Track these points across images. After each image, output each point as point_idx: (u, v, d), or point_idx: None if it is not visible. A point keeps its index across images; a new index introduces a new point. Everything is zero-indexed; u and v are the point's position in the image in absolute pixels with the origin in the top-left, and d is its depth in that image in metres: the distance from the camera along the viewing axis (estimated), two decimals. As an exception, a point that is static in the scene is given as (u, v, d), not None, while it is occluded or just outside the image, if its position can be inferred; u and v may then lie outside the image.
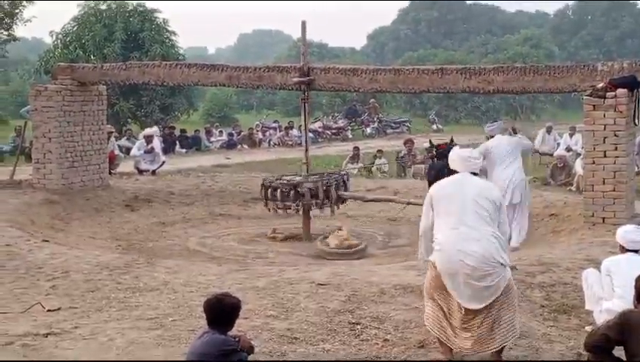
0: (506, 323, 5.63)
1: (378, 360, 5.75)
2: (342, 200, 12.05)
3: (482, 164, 10.67)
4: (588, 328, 6.21)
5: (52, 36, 30.29)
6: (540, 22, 70.59)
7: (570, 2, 66.90)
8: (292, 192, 11.55)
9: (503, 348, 5.69)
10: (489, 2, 71.44)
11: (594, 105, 9.95)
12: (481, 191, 5.74)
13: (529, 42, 53.69)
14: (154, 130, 18.76)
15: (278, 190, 11.66)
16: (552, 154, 18.40)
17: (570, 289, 7.34)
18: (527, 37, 55.42)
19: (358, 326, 6.34)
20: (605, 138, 9.91)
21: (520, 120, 41.98)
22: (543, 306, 7.01)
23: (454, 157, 5.99)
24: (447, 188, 5.83)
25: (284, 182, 11.78)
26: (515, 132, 14.15)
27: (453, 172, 6.02)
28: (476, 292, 5.56)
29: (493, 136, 11.11)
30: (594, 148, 10.02)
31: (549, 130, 20.79)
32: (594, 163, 10.03)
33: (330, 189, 11.69)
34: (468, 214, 5.63)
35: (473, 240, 5.55)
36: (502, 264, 5.59)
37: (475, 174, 5.95)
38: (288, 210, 11.86)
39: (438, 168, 10.43)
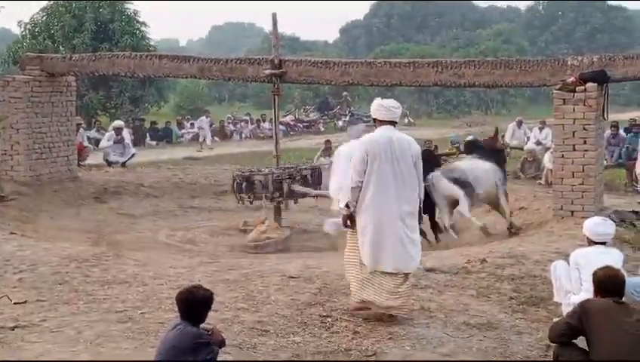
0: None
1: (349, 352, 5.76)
2: (297, 194, 11.95)
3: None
4: (556, 319, 6.25)
5: (20, 26, 29.84)
6: (511, 17, 71.05)
7: (541, -2, 67.44)
8: (246, 184, 11.52)
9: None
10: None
11: (564, 100, 10.03)
12: (404, 149, 6.33)
13: (500, 37, 54.01)
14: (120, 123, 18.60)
15: (244, 182, 11.62)
16: (522, 148, 18.52)
17: (539, 282, 7.40)
18: (499, 32, 55.77)
19: (329, 319, 6.34)
20: (574, 132, 10.00)
21: (491, 114, 42.28)
22: (512, 298, 7.06)
23: (379, 108, 6.49)
24: (380, 146, 6.29)
25: (246, 174, 11.76)
26: None
27: None
28: (404, 254, 6.27)
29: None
30: (563, 142, 10.10)
31: (519, 124, 20.89)
32: (563, 157, 10.11)
33: (283, 183, 11.62)
34: (397, 173, 6.26)
35: (402, 201, 6.26)
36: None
37: (392, 123, 6.48)
38: (253, 202, 11.85)
39: None
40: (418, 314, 6.52)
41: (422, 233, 9.00)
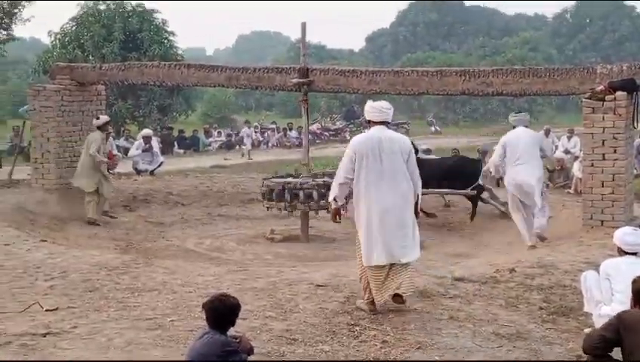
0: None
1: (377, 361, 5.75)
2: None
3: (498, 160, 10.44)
4: (587, 330, 6.20)
5: (50, 36, 30.27)
6: (538, 25, 70.63)
7: (569, 5, 66.99)
8: (301, 193, 11.46)
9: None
10: (488, 5, 71.44)
11: (593, 108, 9.95)
12: (392, 147, 6.71)
13: (527, 45, 53.72)
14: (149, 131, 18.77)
15: (286, 191, 11.54)
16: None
17: (569, 292, 7.34)
18: (526, 40, 55.47)
19: (357, 328, 6.34)
20: (604, 141, 9.91)
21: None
22: (542, 308, 7.01)
23: (371, 110, 6.87)
24: (368, 145, 6.71)
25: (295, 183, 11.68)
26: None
27: None
28: (395, 246, 6.60)
29: (515, 128, 10.75)
30: (593, 151, 10.02)
31: (547, 133, 20.78)
32: (593, 165, 10.03)
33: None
34: (385, 171, 6.64)
35: (392, 197, 6.61)
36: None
37: (386, 124, 6.88)
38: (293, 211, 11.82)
39: None
40: (447, 324, 6.50)
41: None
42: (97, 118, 13.09)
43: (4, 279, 7.72)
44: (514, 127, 10.74)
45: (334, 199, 6.88)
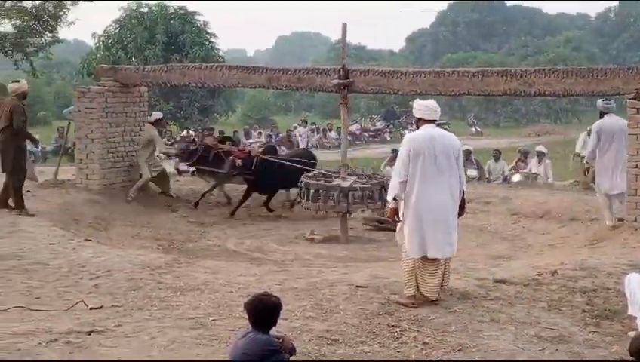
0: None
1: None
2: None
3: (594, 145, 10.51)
4: (631, 334, 6.11)
5: (94, 38, 30.79)
6: (581, 24, 69.73)
7: (613, 4, 65.99)
8: (340, 194, 11.51)
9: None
10: (530, 4, 70.68)
11: (638, 109, 9.82)
12: (445, 145, 6.89)
13: (570, 44, 53.08)
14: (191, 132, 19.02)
15: (322, 191, 11.60)
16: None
17: (613, 295, 7.24)
18: (569, 39, 54.80)
19: (397, 329, 6.33)
20: (649, 142, 9.77)
21: (561, 123, 41.51)
22: (585, 311, 6.92)
23: (422, 108, 7.02)
24: (422, 143, 6.84)
25: (328, 183, 11.75)
26: None
27: None
28: (442, 241, 6.84)
29: (605, 114, 10.66)
30: (637, 152, 9.88)
31: (590, 134, 20.49)
32: (637, 167, 9.89)
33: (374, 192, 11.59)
34: (439, 168, 6.80)
35: (440, 193, 6.80)
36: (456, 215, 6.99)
37: (433, 122, 7.02)
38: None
39: None
40: (488, 326, 6.46)
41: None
42: (150, 115, 14.29)
43: (50, 278, 7.87)
44: (602, 114, 10.66)
45: (394, 198, 6.97)
